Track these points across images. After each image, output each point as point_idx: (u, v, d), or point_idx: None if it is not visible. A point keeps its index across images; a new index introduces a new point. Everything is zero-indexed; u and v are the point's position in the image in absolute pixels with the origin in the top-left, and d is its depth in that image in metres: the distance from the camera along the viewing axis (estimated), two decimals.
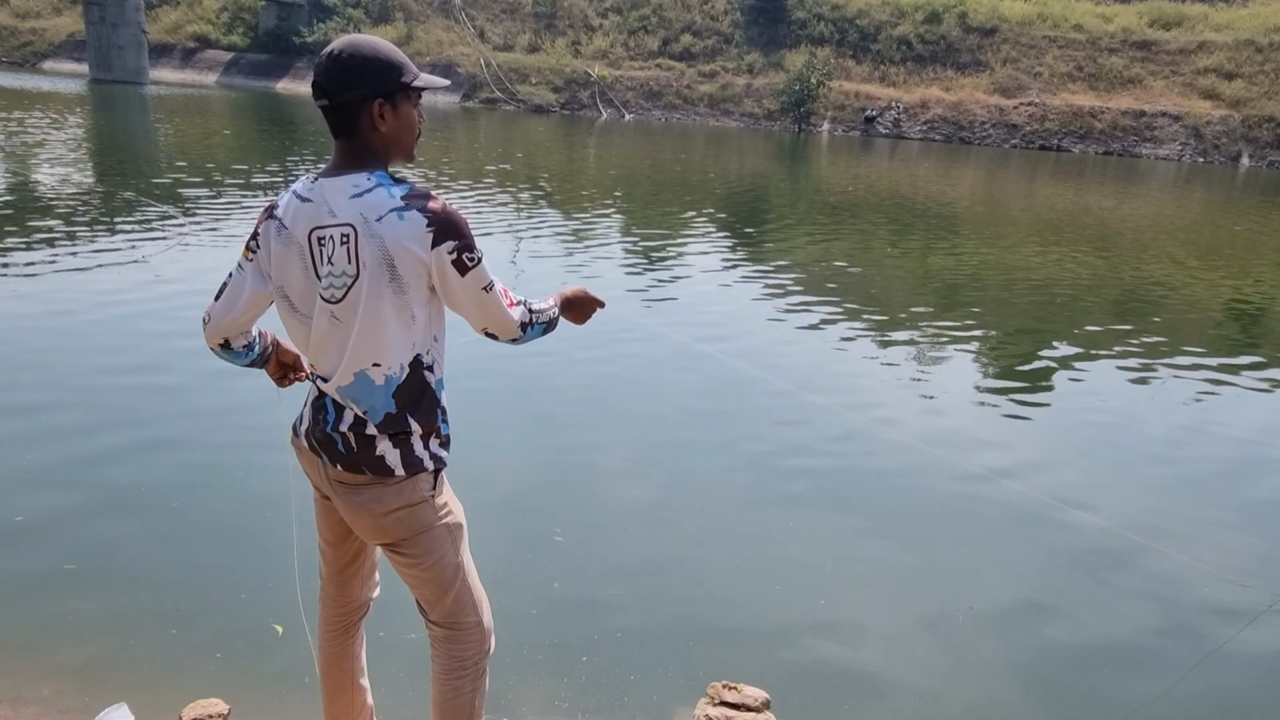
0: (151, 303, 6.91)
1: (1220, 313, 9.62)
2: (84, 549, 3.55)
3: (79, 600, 3.21)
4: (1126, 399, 6.37)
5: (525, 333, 1.97)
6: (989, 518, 4.38)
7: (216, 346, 2.00)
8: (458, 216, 1.79)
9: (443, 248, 1.76)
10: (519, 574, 3.52)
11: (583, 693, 2.91)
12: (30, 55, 46.06)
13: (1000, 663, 3.28)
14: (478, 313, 1.88)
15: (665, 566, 3.74)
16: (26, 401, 4.96)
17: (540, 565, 3.66)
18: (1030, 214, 17.56)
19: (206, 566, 3.49)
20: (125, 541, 3.64)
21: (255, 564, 3.48)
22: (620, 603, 3.43)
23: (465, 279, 1.80)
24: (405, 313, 1.80)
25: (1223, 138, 34.80)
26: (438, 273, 1.79)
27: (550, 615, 3.31)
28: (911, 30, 39.66)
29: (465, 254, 1.79)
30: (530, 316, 1.98)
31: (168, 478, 4.18)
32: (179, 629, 3.09)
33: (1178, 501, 4.78)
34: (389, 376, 1.83)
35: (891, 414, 5.67)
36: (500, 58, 41.87)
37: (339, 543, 2.10)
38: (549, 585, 3.51)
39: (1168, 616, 3.64)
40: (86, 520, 3.76)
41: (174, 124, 23.41)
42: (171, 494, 4.03)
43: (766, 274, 9.79)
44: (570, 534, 3.92)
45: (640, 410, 5.51)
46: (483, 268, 1.83)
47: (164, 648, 3.00)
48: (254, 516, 3.84)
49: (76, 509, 3.83)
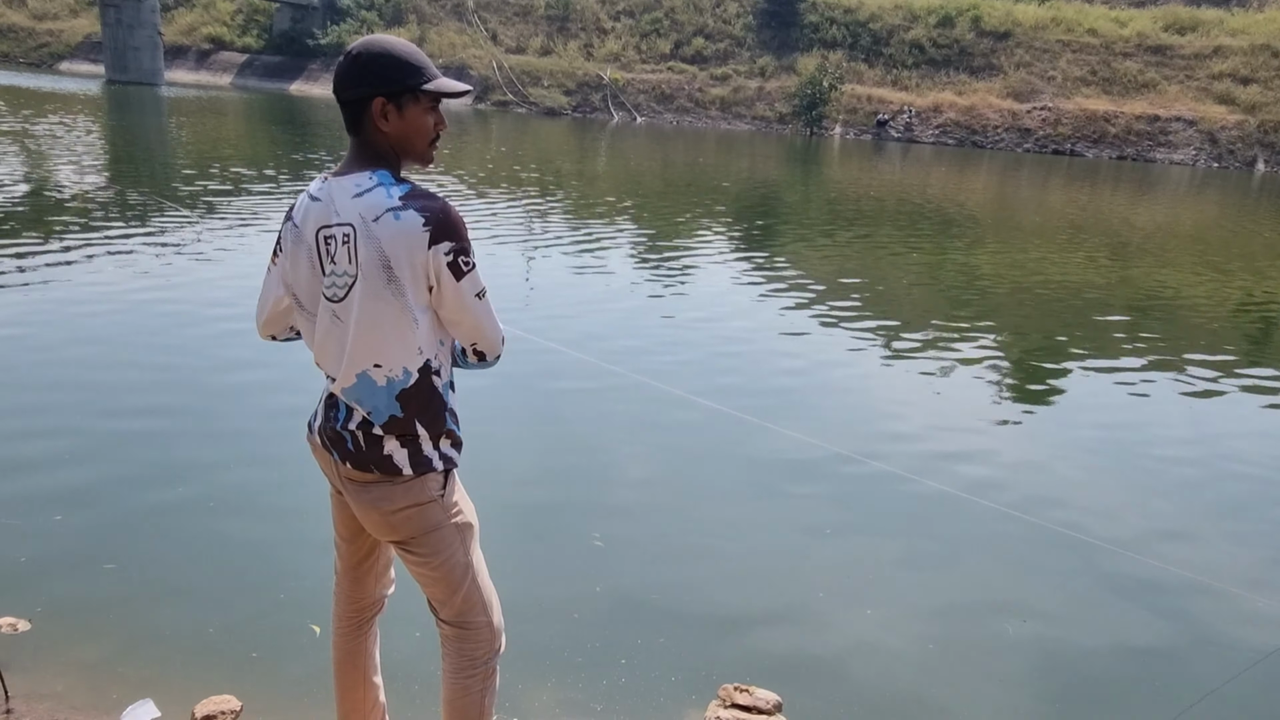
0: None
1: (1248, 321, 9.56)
2: (115, 546, 3.56)
3: (94, 595, 3.23)
4: (1140, 408, 6.33)
5: (500, 351, 1.96)
6: (1012, 528, 4.35)
7: (269, 338, 2.10)
8: (456, 218, 1.78)
9: (439, 248, 1.75)
10: (529, 575, 3.52)
11: (593, 694, 2.90)
12: (47, 56, 46.47)
13: (1019, 675, 3.26)
14: (470, 321, 1.86)
15: (677, 568, 3.73)
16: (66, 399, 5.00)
17: (550, 567, 3.66)
18: (1062, 219, 17.48)
19: (229, 566, 3.50)
20: (153, 539, 3.65)
21: (277, 564, 3.49)
22: (631, 604, 3.43)
23: (460, 283, 1.79)
24: (406, 315, 1.79)
25: (1238, 143, 34.57)
26: (435, 274, 1.78)
27: (561, 616, 3.31)
28: (924, 34, 39.57)
29: (461, 257, 1.78)
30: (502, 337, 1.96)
31: (207, 476, 4.20)
32: (194, 626, 3.10)
33: (1203, 519, 4.75)
34: (391, 379, 1.83)
35: (910, 422, 5.65)
36: (512, 60, 41.98)
37: (353, 538, 2.10)
38: (559, 586, 3.51)
39: (1194, 634, 3.61)
40: (115, 511, 3.78)
41: (190, 124, 23.56)
42: (207, 491, 4.05)
43: (786, 278, 9.77)
44: (581, 535, 3.92)
45: (652, 411, 5.51)
46: (477, 274, 1.82)
47: (177, 644, 3.01)
48: (288, 516, 3.86)
49: (102, 497, 3.85)
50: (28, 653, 2.88)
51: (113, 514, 3.81)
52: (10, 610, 3.05)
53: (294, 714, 2.71)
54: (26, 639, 2.94)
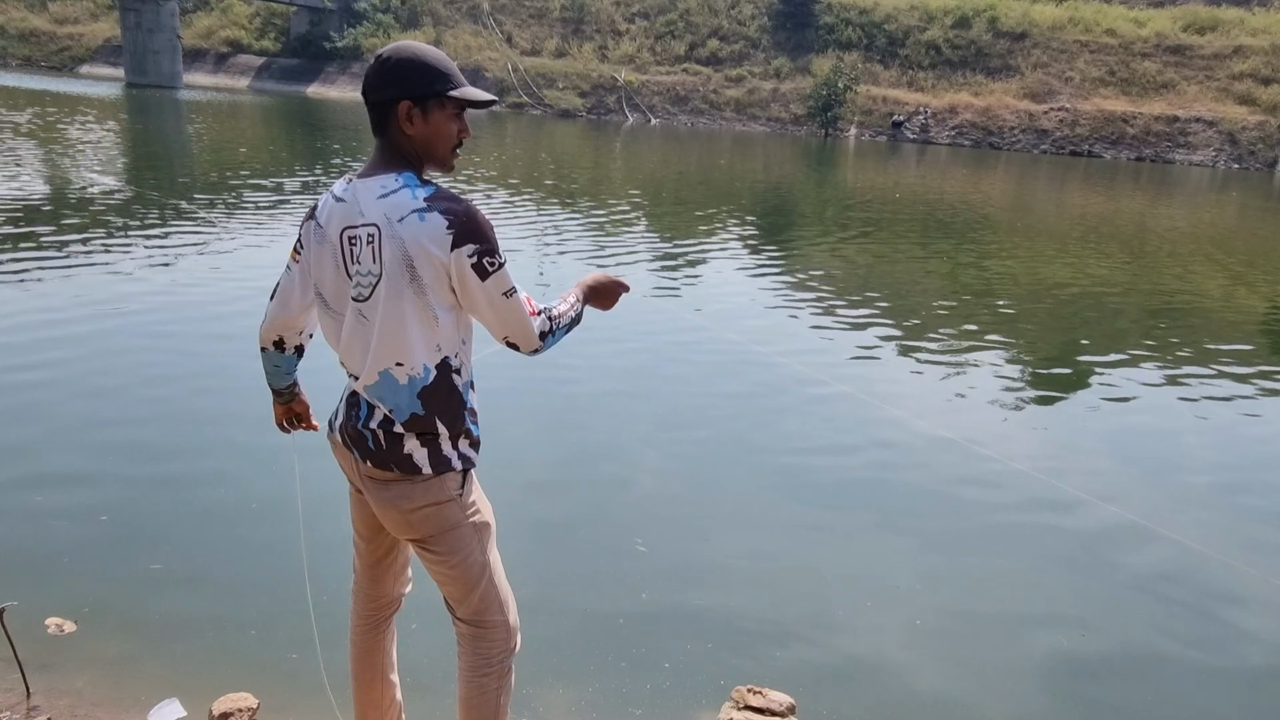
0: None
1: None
2: (144, 547, 3.60)
3: (116, 594, 3.26)
4: (1170, 409, 6.28)
5: (545, 342, 1.94)
6: (1030, 526, 4.32)
7: (270, 345, 2.09)
8: (481, 219, 1.79)
9: (462, 250, 1.76)
10: (542, 577, 3.53)
11: (607, 696, 2.90)
12: (68, 60, 47.04)
13: (1036, 676, 3.24)
14: (498, 320, 1.86)
15: (690, 570, 3.72)
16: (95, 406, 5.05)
17: (564, 569, 3.67)
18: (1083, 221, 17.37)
19: (247, 562, 3.53)
20: (179, 539, 3.69)
21: (295, 561, 3.52)
22: (645, 606, 3.43)
23: (486, 283, 1.80)
24: (427, 314, 1.81)
25: (1259, 143, 34.24)
26: (457, 275, 1.79)
27: (575, 618, 3.32)
28: (940, 35, 39.42)
29: (486, 258, 1.79)
30: (550, 324, 1.94)
31: (223, 475, 4.24)
32: (213, 624, 3.12)
33: (1231, 513, 4.70)
34: (412, 377, 1.85)
35: (928, 420, 5.61)
36: (527, 62, 42.13)
37: (372, 537, 2.12)
38: (574, 587, 3.52)
39: (1218, 628, 3.58)
40: (133, 507, 3.82)
41: (207, 127, 23.77)
42: (233, 491, 4.09)
43: (807, 277, 9.76)
44: (594, 538, 3.92)
45: (665, 411, 5.51)
46: (504, 273, 1.82)
47: (197, 643, 3.03)
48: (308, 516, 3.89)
49: (113, 490, 3.90)
50: (51, 649, 2.91)
51: (153, 514, 3.86)
52: (57, 610, 3.06)
53: (311, 712, 2.72)
54: (71, 640, 2.96)
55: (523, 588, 2.24)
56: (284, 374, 2.16)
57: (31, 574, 3.33)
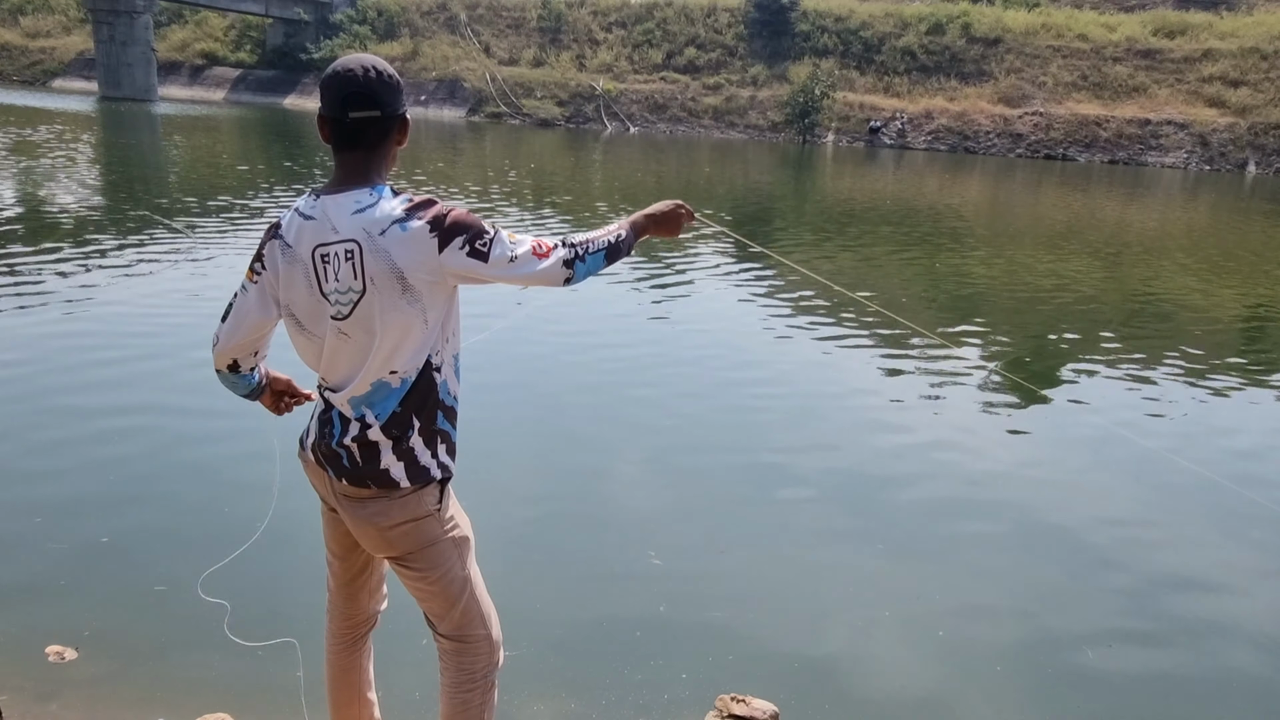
0: None
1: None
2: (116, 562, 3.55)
3: (83, 614, 3.21)
4: (1142, 410, 6.35)
5: (575, 269, 1.88)
6: (1010, 533, 4.35)
7: (225, 369, 2.01)
8: (456, 211, 1.80)
9: (452, 246, 1.77)
10: (525, 586, 3.51)
11: (590, 705, 2.89)
12: (40, 74, 46.48)
13: (1022, 685, 3.25)
14: (520, 280, 1.87)
15: (674, 578, 3.72)
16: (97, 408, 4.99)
17: (547, 578, 3.65)
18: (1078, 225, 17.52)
19: (224, 577, 3.49)
20: (153, 557, 3.64)
21: (276, 577, 3.48)
22: (628, 615, 3.42)
23: (490, 263, 1.79)
24: (419, 319, 1.82)
25: (1229, 145, 34.72)
26: (460, 269, 1.79)
27: (558, 628, 3.30)
28: (915, 41, 39.73)
29: (477, 242, 1.79)
30: (574, 251, 1.88)
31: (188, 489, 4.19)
32: (187, 643, 3.08)
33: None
34: (405, 380, 1.86)
35: (909, 431, 5.64)
36: (505, 72, 42.08)
37: (346, 555, 2.10)
38: (556, 598, 3.50)
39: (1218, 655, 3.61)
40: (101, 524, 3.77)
41: (185, 141, 23.57)
42: (198, 504, 4.04)
43: (790, 287, 9.79)
44: (579, 546, 3.91)
45: (650, 418, 5.50)
46: (501, 243, 1.80)
47: (171, 662, 2.99)
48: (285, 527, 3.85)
49: (86, 503, 3.84)
50: (18, 672, 2.86)
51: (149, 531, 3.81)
52: (57, 639, 3.01)
53: None
54: (73, 668, 2.91)
55: (503, 600, 2.22)
56: (245, 383, 2.06)
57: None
